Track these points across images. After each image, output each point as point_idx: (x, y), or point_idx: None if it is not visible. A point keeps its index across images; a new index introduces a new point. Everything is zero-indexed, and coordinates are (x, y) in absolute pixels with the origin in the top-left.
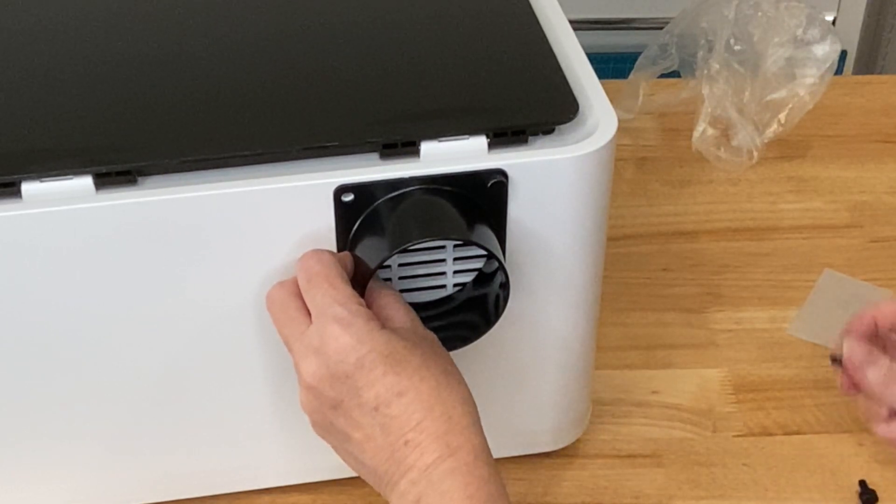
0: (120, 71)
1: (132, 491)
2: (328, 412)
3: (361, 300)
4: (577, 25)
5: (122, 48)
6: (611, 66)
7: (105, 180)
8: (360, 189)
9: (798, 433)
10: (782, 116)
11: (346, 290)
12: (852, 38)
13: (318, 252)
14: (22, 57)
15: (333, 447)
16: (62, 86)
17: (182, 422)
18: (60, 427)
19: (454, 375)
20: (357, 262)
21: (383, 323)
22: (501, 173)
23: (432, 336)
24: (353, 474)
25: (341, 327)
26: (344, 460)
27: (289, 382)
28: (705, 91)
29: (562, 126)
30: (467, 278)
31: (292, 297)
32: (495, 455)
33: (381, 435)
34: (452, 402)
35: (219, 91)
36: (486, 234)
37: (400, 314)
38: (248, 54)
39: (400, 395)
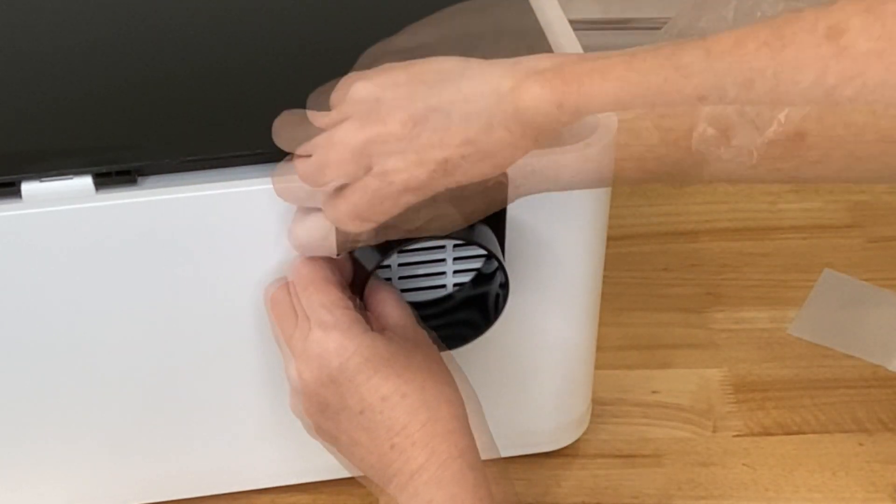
0: (120, 71)
1: (132, 491)
2: (316, 415)
3: (349, 303)
4: (577, 25)
5: (123, 48)
6: None
7: (105, 180)
8: None
9: (798, 433)
10: (782, 116)
11: (334, 294)
12: None
13: (309, 257)
14: (22, 56)
15: (327, 448)
16: (62, 86)
17: (181, 421)
18: (60, 427)
19: (441, 376)
20: (356, 262)
21: (377, 321)
22: (502, 173)
23: (425, 336)
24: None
25: (324, 331)
26: (338, 460)
27: (288, 383)
28: None
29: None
30: (467, 278)
31: (290, 298)
32: None
33: (368, 439)
34: (437, 404)
35: (219, 91)
36: (485, 234)
37: (395, 312)
38: (249, 54)
39: (384, 399)
